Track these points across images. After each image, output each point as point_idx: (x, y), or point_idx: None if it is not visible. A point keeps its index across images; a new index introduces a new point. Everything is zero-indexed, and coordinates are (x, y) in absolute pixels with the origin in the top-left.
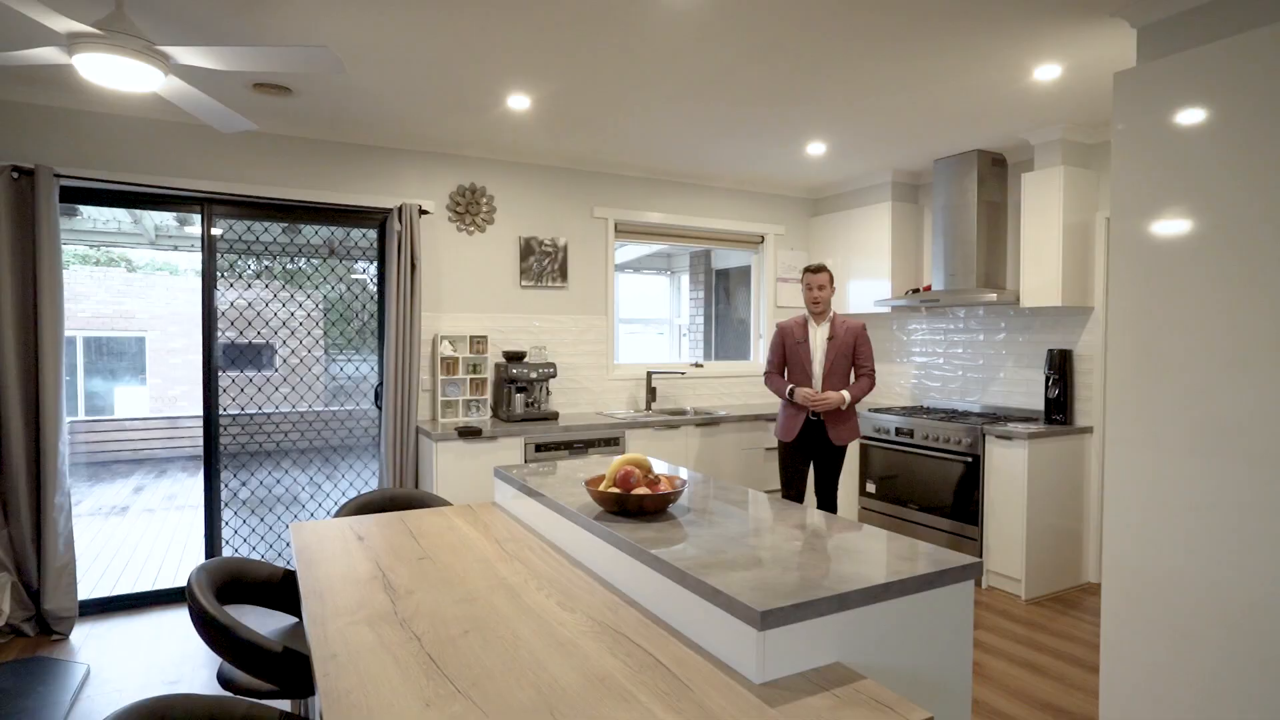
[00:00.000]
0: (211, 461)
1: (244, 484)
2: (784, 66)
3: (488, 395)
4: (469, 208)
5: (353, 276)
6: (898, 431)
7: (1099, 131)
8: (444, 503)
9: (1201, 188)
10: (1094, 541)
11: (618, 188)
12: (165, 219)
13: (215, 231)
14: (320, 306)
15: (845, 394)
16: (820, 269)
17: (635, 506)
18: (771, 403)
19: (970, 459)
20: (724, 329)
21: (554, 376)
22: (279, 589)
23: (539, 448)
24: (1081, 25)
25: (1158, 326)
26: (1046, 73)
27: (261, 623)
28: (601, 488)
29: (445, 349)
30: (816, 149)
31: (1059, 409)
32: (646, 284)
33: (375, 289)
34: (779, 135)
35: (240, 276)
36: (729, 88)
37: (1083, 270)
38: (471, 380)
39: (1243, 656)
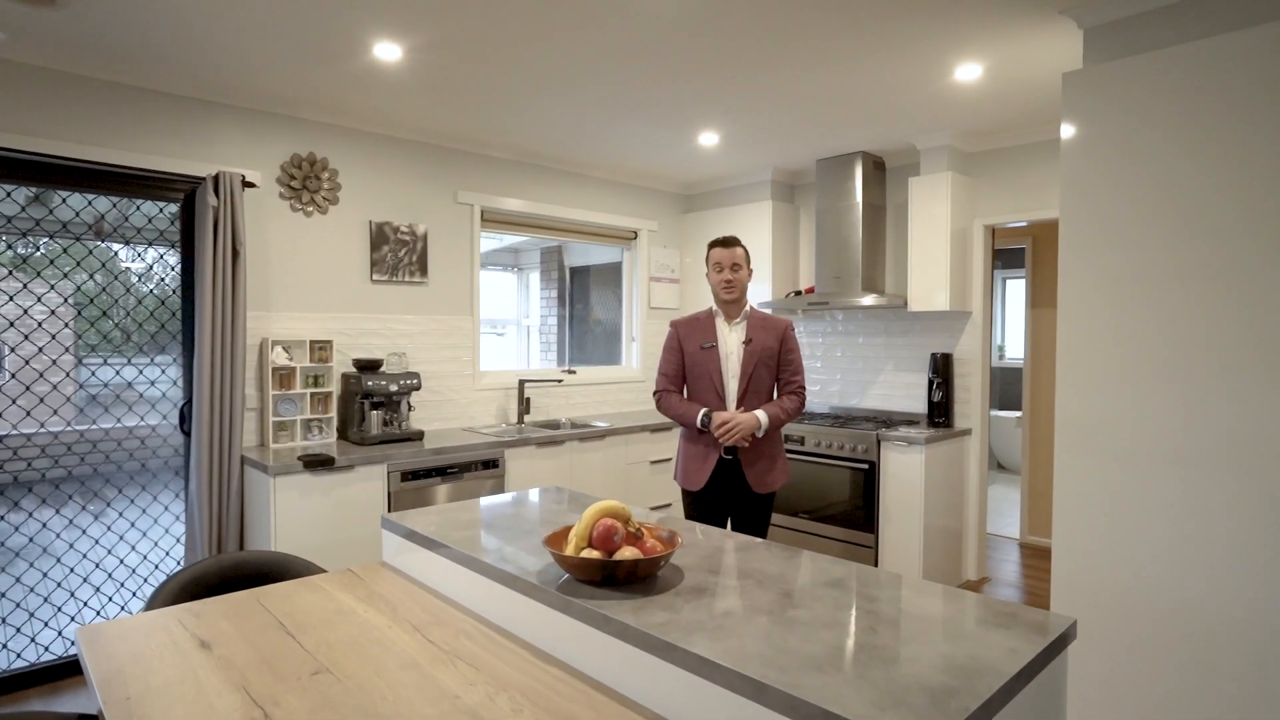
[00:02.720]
0: None
1: None
2: (705, 41)
3: (333, 413)
4: (306, 183)
5: (129, 262)
6: (787, 439)
7: (981, 140)
8: (312, 567)
9: (1151, 190)
10: (973, 540)
11: (485, 170)
12: None
13: None
14: (94, 299)
15: (760, 415)
16: (734, 241)
17: (626, 574)
18: (650, 410)
19: (866, 465)
20: (581, 332)
21: (418, 389)
22: None
23: (406, 476)
24: (1023, 23)
25: (1108, 330)
26: (968, 72)
27: None
28: (572, 548)
29: (278, 357)
30: (709, 139)
31: (942, 412)
32: (491, 281)
33: (174, 280)
34: (675, 121)
35: None
36: (642, 60)
37: (964, 275)
38: (313, 395)
39: (1205, 669)
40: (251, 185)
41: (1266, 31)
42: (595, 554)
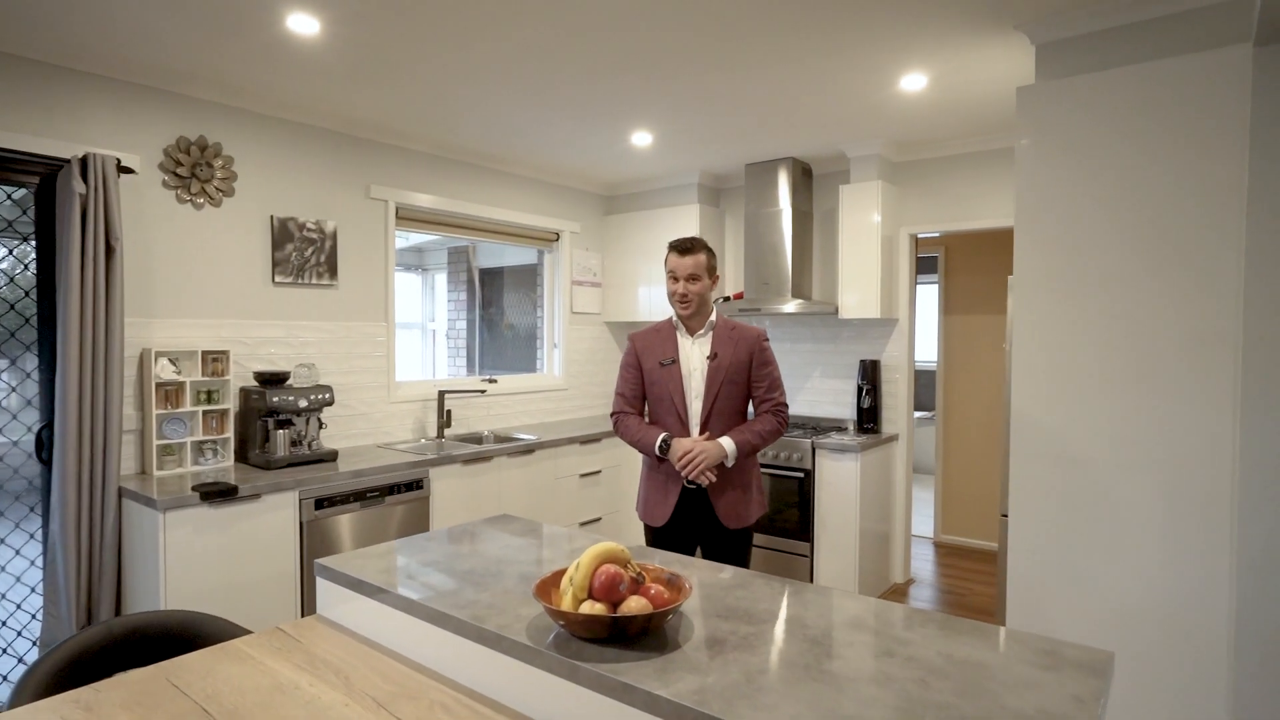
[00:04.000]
0: None
1: None
2: (649, 36)
3: (230, 433)
4: (196, 170)
5: None
6: None
7: (907, 150)
8: (230, 627)
9: (1100, 200)
10: (900, 543)
11: (401, 164)
12: None
13: None
14: None
15: (726, 443)
16: (694, 246)
17: (638, 629)
18: (576, 418)
19: (801, 474)
20: (493, 337)
21: (330, 404)
22: None
23: (321, 503)
24: (976, 36)
25: (1062, 335)
26: (913, 82)
27: None
28: (570, 600)
29: (163, 371)
30: (642, 139)
31: (871, 418)
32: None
33: (27, 280)
34: (610, 118)
35: None
36: (581, 53)
37: (891, 283)
38: (206, 414)
39: (1163, 669)
40: (129, 171)
41: (1211, 58)
42: (599, 607)
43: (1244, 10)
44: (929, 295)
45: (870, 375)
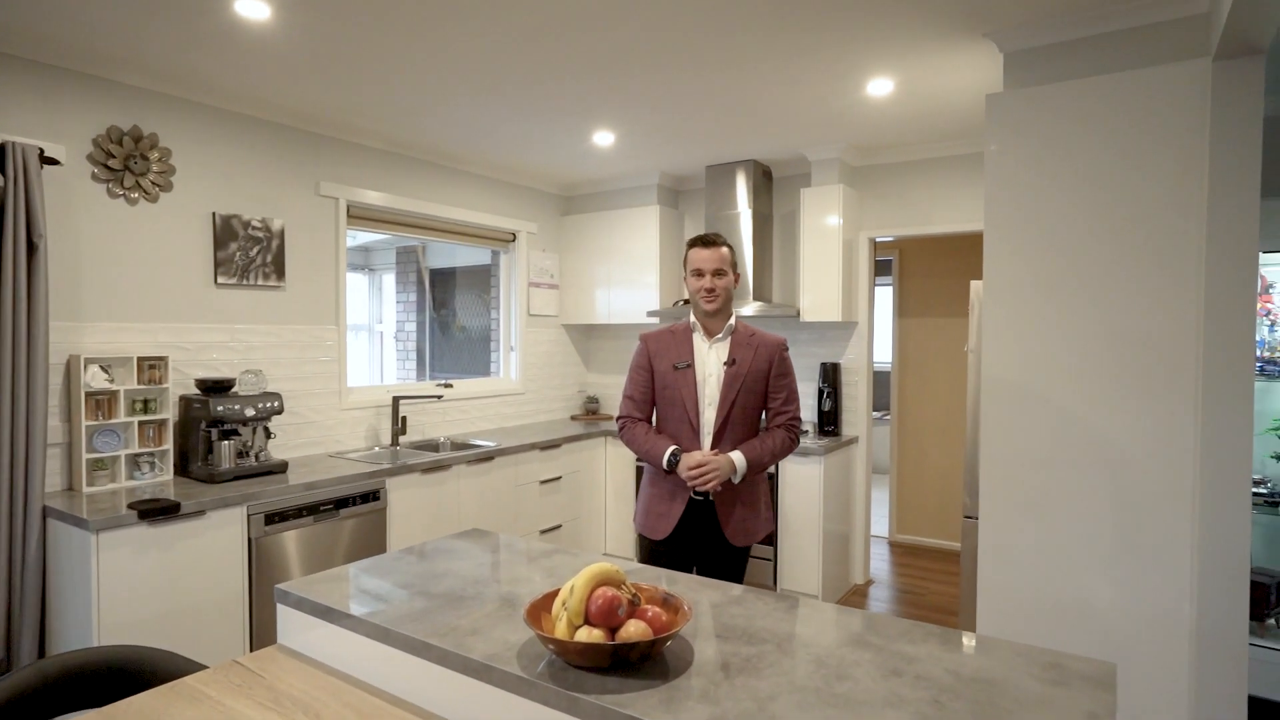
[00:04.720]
0: None
1: None
2: (616, 29)
3: (169, 445)
4: (129, 163)
5: None
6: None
7: (866, 154)
8: (180, 661)
9: (1066, 205)
10: (859, 544)
11: (352, 160)
12: None
13: None
14: None
15: (736, 457)
16: (718, 240)
17: (639, 656)
18: (535, 422)
19: (766, 477)
20: (446, 339)
21: (279, 412)
22: None
23: (271, 518)
24: (945, 42)
25: (1029, 339)
26: (880, 87)
27: None
28: (564, 625)
29: (94, 379)
30: (604, 139)
31: (831, 421)
32: None
33: None
34: (572, 117)
35: None
36: (546, 49)
37: (851, 286)
38: (141, 424)
39: (1128, 669)
40: (53, 162)
41: (1173, 70)
42: (597, 633)
43: (1202, 27)
44: (883, 297)
45: (831, 378)
